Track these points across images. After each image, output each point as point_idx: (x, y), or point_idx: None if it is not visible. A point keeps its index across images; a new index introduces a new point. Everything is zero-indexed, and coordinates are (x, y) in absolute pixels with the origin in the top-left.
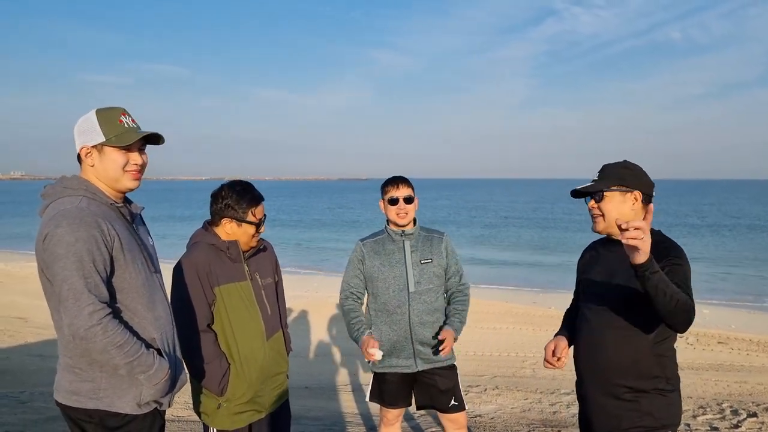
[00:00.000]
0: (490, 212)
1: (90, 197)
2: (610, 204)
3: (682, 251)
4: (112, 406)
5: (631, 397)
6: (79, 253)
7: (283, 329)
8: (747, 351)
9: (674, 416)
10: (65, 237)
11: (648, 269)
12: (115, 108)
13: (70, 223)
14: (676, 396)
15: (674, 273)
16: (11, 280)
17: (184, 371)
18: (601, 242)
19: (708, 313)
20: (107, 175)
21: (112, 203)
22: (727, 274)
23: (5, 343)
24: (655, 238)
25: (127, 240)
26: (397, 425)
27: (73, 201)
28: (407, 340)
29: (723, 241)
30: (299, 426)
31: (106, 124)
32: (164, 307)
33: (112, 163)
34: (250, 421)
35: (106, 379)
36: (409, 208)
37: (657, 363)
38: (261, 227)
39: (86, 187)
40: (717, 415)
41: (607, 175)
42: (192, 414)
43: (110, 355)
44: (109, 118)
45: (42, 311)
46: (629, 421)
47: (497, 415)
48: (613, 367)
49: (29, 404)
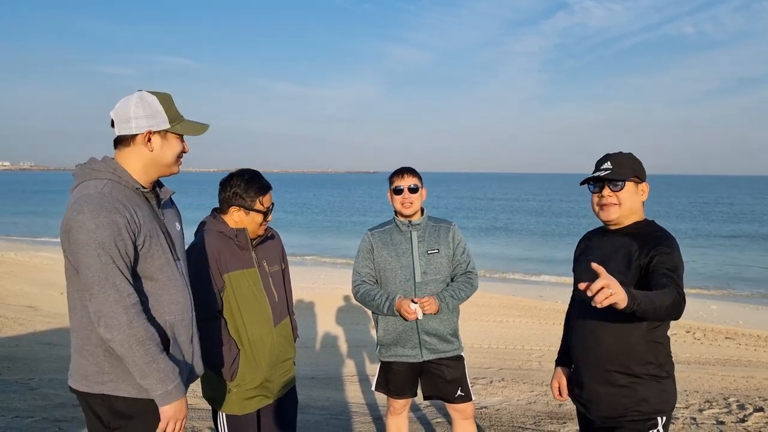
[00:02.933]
0: (499, 206)
1: (116, 181)
2: (627, 194)
3: (674, 241)
4: (117, 390)
5: (626, 383)
6: (101, 239)
7: (290, 316)
8: (755, 346)
9: (668, 402)
10: (86, 224)
11: (633, 305)
12: (165, 93)
13: (92, 209)
14: (670, 382)
15: (663, 262)
16: (21, 269)
17: (201, 363)
18: (595, 232)
19: (716, 309)
20: (164, 161)
21: (138, 188)
22: (736, 270)
23: (15, 331)
24: (647, 228)
25: (150, 226)
26: (403, 415)
27: (97, 185)
28: (413, 330)
29: (734, 239)
30: (306, 415)
31: (169, 111)
32: (184, 294)
33: (171, 150)
34: (259, 407)
35: (109, 362)
36: (414, 198)
37: (650, 349)
38: (268, 216)
39: (113, 170)
40: (723, 409)
41: (622, 164)
42: (200, 402)
43: (131, 350)
44: (170, 105)
45: (51, 300)
46: (624, 408)
47: (503, 407)
48: (608, 355)
49: (38, 390)
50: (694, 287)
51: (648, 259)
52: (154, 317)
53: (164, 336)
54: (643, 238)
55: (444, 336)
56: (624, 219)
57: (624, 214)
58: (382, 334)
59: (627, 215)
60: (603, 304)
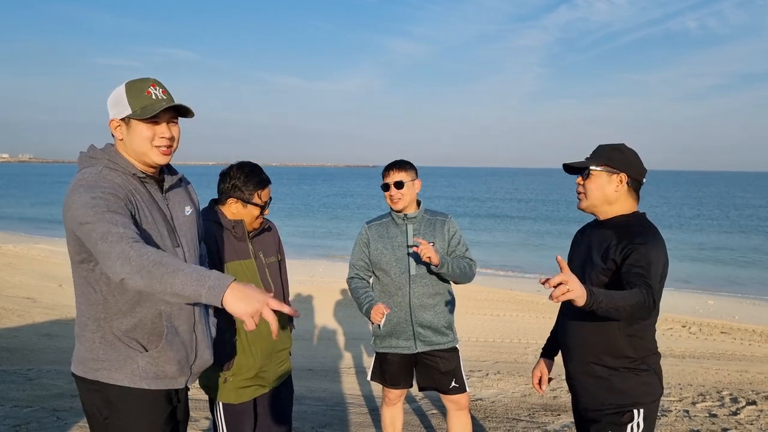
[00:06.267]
0: (497, 200)
1: (111, 167)
2: (595, 183)
3: (653, 236)
4: (110, 378)
5: (604, 375)
6: (98, 205)
7: None
8: (749, 341)
9: (647, 394)
10: (82, 198)
11: (592, 305)
12: (145, 79)
13: (87, 188)
14: (650, 375)
15: (637, 259)
16: (20, 260)
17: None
18: (590, 224)
19: (713, 304)
20: (135, 149)
21: (135, 173)
22: (734, 266)
23: (14, 322)
24: (630, 222)
25: (146, 212)
26: (398, 405)
27: (93, 171)
28: (407, 322)
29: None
30: (302, 406)
31: (133, 97)
32: None
33: (139, 137)
34: (255, 396)
35: (103, 350)
36: (402, 193)
37: (630, 343)
38: (266, 210)
39: (109, 157)
40: (716, 402)
41: (597, 154)
42: (197, 392)
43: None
44: (138, 90)
45: (50, 291)
46: (602, 398)
47: (498, 399)
48: (586, 346)
49: (37, 381)
50: (691, 282)
51: (622, 255)
52: (146, 305)
53: (157, 325)
54: (622, 232)
55: (438, 328)
56: (600, 209)
57: (594, 204)
58: (377, 325)
59: (599, 205)
60: (559, 300)
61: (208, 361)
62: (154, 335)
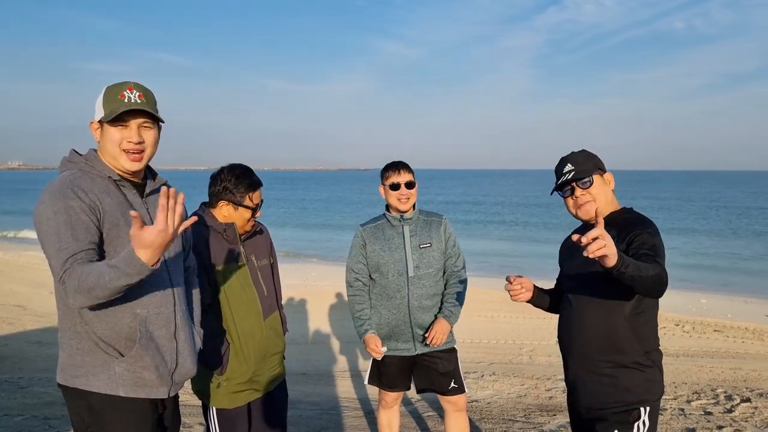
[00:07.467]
0: (490, 202)
1: (87, 170)
2: (597, 188)
3: (652, 224)
4: (89, 385)
5: (609, 372)
6: (57, 226)
7: (279, 310)
8: (742, 339)
9: (652, 392)
10: (45, 212)
11: (621, 266)
12: (124, 83)
13: (51, 197)
14: (655, 372)
15: (643, 242)
16: (9, 268)
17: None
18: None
19: (705, 303)
20: (106, 152)
21: (110, 177)
22: (726, 264)
23: (4, 330)
24: (625, 215)
25: (117, 215)
26: (395, 408)
27: (63, 176)
28: (406, 324)
29: (724, 234)
30: (297, 410)
31: (107, 100)
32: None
33: (110, 141)
34: (249, 400)
35: (81, 356)
36: (411, 194)
37: (634, 337)
38: (257, 212)
39: (86, 160)
40: (711, 400)
41: (581, 163)
42: (190, 397)
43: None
44: (113, 94)
45: (40, 299)
46: (607, 397)
47: (494, 400)
48: (592, 344)
49: (28, 389)
50: (684, 280)
51: (626, 243)
52: (121, 309)
53: (132, 329)
54: (620, 224)
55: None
56: (603, 211)
57: (601, 206)
58: (375, 328)
59: (603, 207)
60: (595, 255)
61: (191, 371)
62: (129, 340)
